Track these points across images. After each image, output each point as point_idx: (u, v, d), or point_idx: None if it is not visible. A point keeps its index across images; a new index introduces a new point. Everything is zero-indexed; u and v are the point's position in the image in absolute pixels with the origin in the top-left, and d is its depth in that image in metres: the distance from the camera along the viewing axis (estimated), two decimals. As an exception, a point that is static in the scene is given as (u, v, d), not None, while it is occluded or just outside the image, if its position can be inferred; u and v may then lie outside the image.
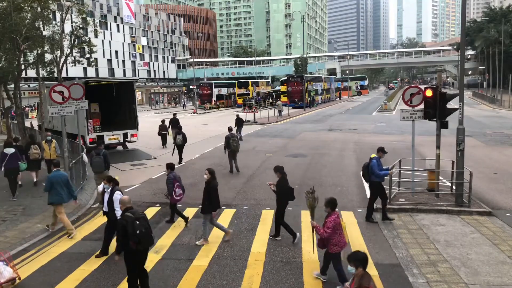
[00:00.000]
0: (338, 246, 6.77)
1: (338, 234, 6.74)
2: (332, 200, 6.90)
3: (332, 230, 6.67)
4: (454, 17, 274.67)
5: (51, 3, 24.24)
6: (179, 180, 10.23)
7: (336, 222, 6.72)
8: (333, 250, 6.79)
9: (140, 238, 6.29)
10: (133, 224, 6.33)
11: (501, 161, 17.50)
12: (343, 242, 6.82)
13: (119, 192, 8.28)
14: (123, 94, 21.13)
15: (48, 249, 8.89)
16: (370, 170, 10.07)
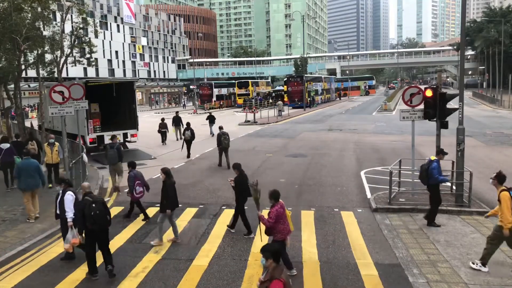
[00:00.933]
0: (282, 234, 7.24)
1: (281, 223, 7.21)
2: (275, 192, 7.40)
3: (275, 220, 7.15)
4: (454, 17, 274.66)
5: (51, 3, 24.22)
6: (141, 178, 10.53)
7: (279, 212, 7.18)
8: (278, 238, 7.24)
9: (95, 219, 7.26)
10: (90, 206, 7.29)
11: (501, 161, 17.50)
12: (287, 230, 7.31)
13: (70, 193, 8.09)
14: (123, 94, 21.13)
15: (48, 249, 8.89)
16: (429, 173, 9.62)
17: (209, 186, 13.97)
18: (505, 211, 7.18)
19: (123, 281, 7.38)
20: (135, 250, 8.75)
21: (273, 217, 7.15)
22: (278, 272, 4.52)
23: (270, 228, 7.28)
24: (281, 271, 4.56)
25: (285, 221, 7.28)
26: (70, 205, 7.92)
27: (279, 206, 7.27)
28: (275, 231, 7.24)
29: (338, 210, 11.15)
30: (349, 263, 7.97)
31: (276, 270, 4.57)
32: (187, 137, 19.13)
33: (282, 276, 4.48)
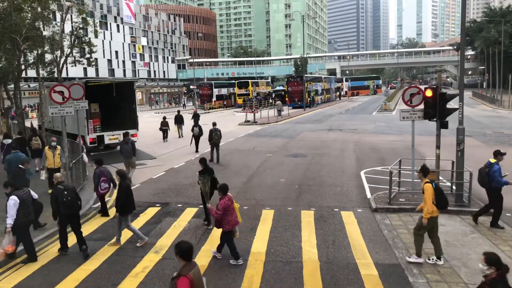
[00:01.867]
0: (229, 225, 7.85)
1: (229, 214, 7.83)
2: (223, 186, 8.01)
3: (223, 212, 7.78)
4: (454, 17, 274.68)
5: (51, 3, 24.25)
6: (107, 174, 10.83)
7: (226, 205, 7.79)
8: (226, 229, 7.89)
9: (68, 204, 8.28)
10: (62, 193, 8.30)
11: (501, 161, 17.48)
12: (234, 221, 7.91)
13: (14, 198, 7.94)
14: (123, 94, 21.14)
15: (48, 249, 8.89)
16: (491, 177, 9.36)
17: (209, 186, 13.96)
18: (427, 201, 7.60)
19: (123, 281, 7.38)
20: (135, 250, 8.75)
21: (221, 209, 7.74)
22: (186, 269, 4.54)
23: (219, 220, 7.86)
24: (189, 269, 4.57)
25: (232, 212, 7.87)
26: (11, 211, 7.84)
27: (227, 199, 7.86)
28: (224, 222, 7.84)
29: (338, 210, 11.16)
30: (349, 263, 7.97)
31: (185, 267, 4.60)
32: (196, 133, 20.31)
33: (191, 273, 4.49)
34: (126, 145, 14.90)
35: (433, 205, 7.62)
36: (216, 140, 17.98)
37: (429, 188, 7.65)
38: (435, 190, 7.71)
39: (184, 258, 4.65)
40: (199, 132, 20.33)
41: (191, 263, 4.68)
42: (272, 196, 12.59)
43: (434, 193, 7.66)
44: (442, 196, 7.77)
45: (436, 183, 7.87)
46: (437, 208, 7.71)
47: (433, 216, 7.70)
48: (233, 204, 7.95)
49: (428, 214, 7.61)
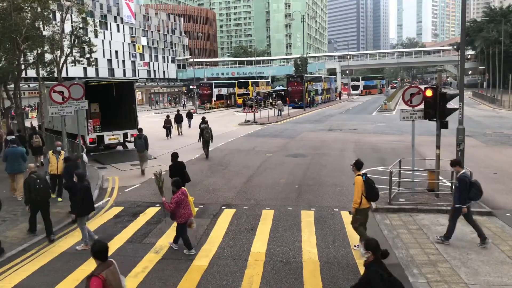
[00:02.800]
0: (183, 217, 8.28)
1: (182, 208, 8.23)
2: (176, 181, 8.52)
3: (176, 205, 8.18)
4: (454, 17, 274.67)
5: (51, 3, 24.25)
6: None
7: (179, 198, 8.20)
8: (179, 221, 8.33)
9: (39, 191, 9.19)
10: (34, 182, 9.24)
11: (501, 161, 17.50)
12: (188, 214, 8.34)
13: None
14: (123, 94, 21.13)
15: (48, 249, 8.89)
16: None
17: (209, 186, 13.97)
18: (355, 192, 8.28)
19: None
20: (135, 250, 8.75)
21: (174, 203, 8.18)
22: (99, 269, 4.55)
23: (172, 213, 8.30)
24: (103, 268, 4.57)
25: (185, 206, 8.29)
26: None
27: (180, 193, 8.30)
28: (177, 215, 8.27)
29: (338, 210, 11.15)
30: (349, 263, 7.97)
31: (99, 267, 4.61)
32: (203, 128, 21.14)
33: (103, 273, 4.49)
34: (139, 140, 16.06)
35: (362, 197, 8.19)
36: (206, 138, 19.03)
37: (359, 181, 8.27)
38: (366, 183, 8.25)
39: (98, 258, 4.70)
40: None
41: (106, 262, 4.70)
42: (272, 196, 12.59)
43: (364, 186, 8.20)
44: (372, 189, 8.25)
45: (367, 177, 8.39)
46: (367, 200, 8.29)
47: (364, 208, 8.27)
48: (187, 198, 8.37)
49: (356, 204, 8.22)
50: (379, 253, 4.91)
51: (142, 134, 16.36)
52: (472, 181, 8.59)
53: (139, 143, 16.05)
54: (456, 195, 8.71)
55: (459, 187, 8.58)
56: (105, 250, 4.75)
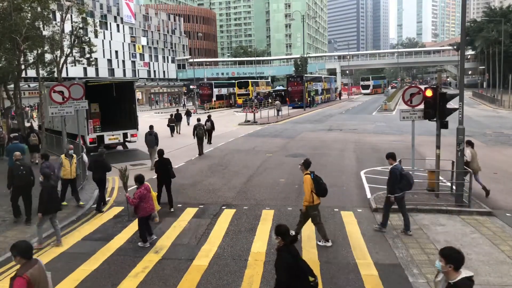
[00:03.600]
0: (144, 211, 8.84)
1: (145, 202, 8.78)
2: (139, 176, 9.05)
3: (138, 199, 8.71)
4: (454, 17, 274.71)
5: (51, 3, 24.24)
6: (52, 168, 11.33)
7: (142, 194, 8.73)
8: (141, 215, 8.88)
9: (21, 177, 10.15)
10: (18, 168, 10.24)
11: (501, 161, 17.50)
12: (150, 209, 8.89)
13: None
14: (123, 94, 21.15)
15: (48, 249, 8.89)
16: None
17: (209, 186, 13.97)
18: (305, 190, 8.59)
19: (123, 281, 7.38)
20: (135, 250, 8.75)
21: (137, 197, 8.68)
22: (23, 269, 4.51)
23: (136, 207, 8.84)
24: (27, 268, 4.52)
25: (148, 200, 8.84)
26: None
27: (143, 188, 8.81)
28: (139, 209, 8.81)
29: (338, 210, 11.15)
30: (349, 263, 7.97)
31: (23, 267, 4.56)
32: (207, 127, 22.84)
33: (28, 273, 4.44)
34: (150, 136, 17.18)
35: (313, 194, 8.54)
36: (200, 135, 20.02)
37: (308, 179, 8.55)
38: (314, 180, 8.57)
39: (23, 257, 4.64)
40: (211, 127, 23.36)
41: (31, 261, 4.65)
42: (272, 196, 12.59)
43: (313, 183, 8.52)
44: (320, 185, 8.63)
45: (315, 175, 8.70)
46: (317, 196, 8.62)
47: (316, 204, 8.66)
48: (150, 193, 8.94)
49: (306, 202, 8.58)
50: (288, 238, 5.12)
51: (153, 131, 17.47)
52: (403, 173, 9.28)
53: (150, 139, 17.09)
54: (388, 185, 9.44)
55: (390, 178, 9.35)
56: (29, 249, 4.69)
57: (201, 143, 20.06)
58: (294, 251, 5.10)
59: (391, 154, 9.71)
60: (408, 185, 9.28)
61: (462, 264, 4.08)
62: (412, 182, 9.31)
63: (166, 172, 11.32)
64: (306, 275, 5.02)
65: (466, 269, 4.23)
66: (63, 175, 11.74)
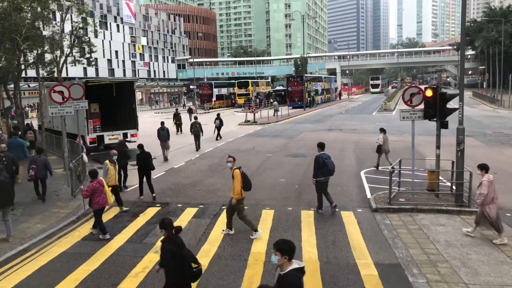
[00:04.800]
0: (98, 204, 9.30)
1: (97, 196, 9.25)
2: (92, 171, 9.60)
3: (91, 192, 9.24)
4: (454, 17, 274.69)
5: (51, 3, 24.22)
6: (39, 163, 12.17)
7: (95, 187, 9.25)
8: (94, 208, 9.36)
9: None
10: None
11: (501, 161, 17.50)
12: (102, 202, 9.36)
13: None
14: (123, 94, 21.13)
15: (48, 249, 8.89)
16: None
17: (209, 186, 13.97)
18: (235, 184, 9.05)
19: (123, 281, 7.38)
20: (135, 250, 8.75)
21: (89, 190, 9.25)
22: None
23: (90, 200, 9.41)
24: None
25: (100, 194, 9.30)
26: None
27: (96, 182, 9.32)
28: (93, 202, 9.30)
29: (338, 210, 11.15)
30: (349, 263, 7.97)
31: None
32: (217, 125, 25.07)
33: None
34: (162, 131, 19.00)
35: (241, 188, 9.04)
36: (196, 132, 21.47)
37: (238, 174, 9.06)
38: (242, 175, 9.08)
39: None
40: (220, 124, 25.18)
41: None
42: (272, 196, 12.59)
43: (241, 178, 9.02)
44: (247, 180, 9.19)
45: (242, 171, 9.20)
46: (244, 191, 9.18)
47: (242, 198, 9.20)
48: (103, 187, 9.42)
49: (237, 195, 9.05)
50: (172, 230, 5.60)
51: (164, 127, 19.28)
52: (326, 161, 10.66)
53: (162, 133, 18.96)
54: (313, 170, 10.87)
55: (315, 164, 10.83)
56: None
57: (197, 139, 21.54)
58: (178, 241, 5.61)
59: (320, 143, 11.08)
60: (329, 172, 10.73)
61: (294, 253, 4.30)
62: (332, 169, 10.75)
63: (147, 165, 12.42)
64: (189, 262, 5.56)
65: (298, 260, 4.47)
66: (108, 182, 11.03)
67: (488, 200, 8.64)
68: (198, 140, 21.61)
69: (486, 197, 8.63)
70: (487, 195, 8.62)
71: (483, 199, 8.67)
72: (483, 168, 9.07)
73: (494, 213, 8.66)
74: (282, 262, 4.24)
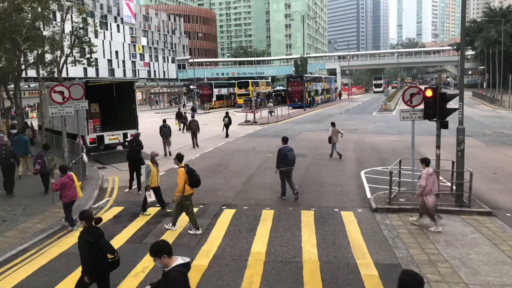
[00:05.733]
0: (67, 198, 9.88)
1: (67, 190, 9.82)
2: (62, 166, 10.23)
3: (60, 186, 9.80)
4: (454, 17, 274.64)
5: (51, 3, 24.23)
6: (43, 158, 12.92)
7: (64, 182, 9.77)
8: (64, 201, 9.94)
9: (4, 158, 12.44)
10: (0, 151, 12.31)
11: (501, 161, 17.50)
12: (71, 195, 9.93)
13: None
14: (123, 94, 21.11)
15: (48, 249, 8.89)
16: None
17: (209, 186, 13.96)
18: (178, 182, 9.35)
19: (123, 281, 7.38)
20: (135, 250, 8.75)
21: (58, 184, 9.80)
22: None
23: (60, 194, 9.92)
24: None
25: (70, 188, 9.86)
26: None
27: (66, 176, 9.85)
28: (62, 195, 9.87)
29: (338, 210, 11.15)
30: (349, 263, 7.97)
31: None
32: (226, 123, 26.56)
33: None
34: (165, 128, 20.25)
35: (185, 185, 9.36)
36: (194, 129, 22.65)
37: (181, 172, 9.38)
38: (188, 172, 9.42)
39: None
40: (229, 122, 26.65)
41: None
42: (272, 196, 12.59)
43: (186, 175, 9.37)
44: (193, 177, 9.48)
45: (189, 167, 9.53)
46: (190, 187, 9.48)
47: (188, 194, 9.48)
48: (73, 182, 9.96)
49: (178, 192, 9.36)
50: (92, 221, 5.85)
51: (166, 124, 20.62)
52: (288, 153, 11.88)
53: (164, 130, 20.17)
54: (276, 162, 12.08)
55: (277, 156, 12.03)
56: None
57: (194, 137, 22.71)
58: (96, 232, 5.87)
59: (284, 138, 12.49)
60: (290, 163, 11.90)
61: (170, 249, 4.41)
62: (292, 160, 11.94)
63: (137, 161, 13.40)
64: (105, 253, 5.84)
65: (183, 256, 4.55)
66: (151, 183, 10.83)
67: (426, 192, 9.36)
68: (195, 137, 22.72)
69: (425, 188, 9.32)
70: (426, 187, 9.33)
71: (422, 190, 9.39)
72: (423, 162, 9.84)
73: (431, 204, 9.39)
74: (165, 262, 4.38)
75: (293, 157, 12.05)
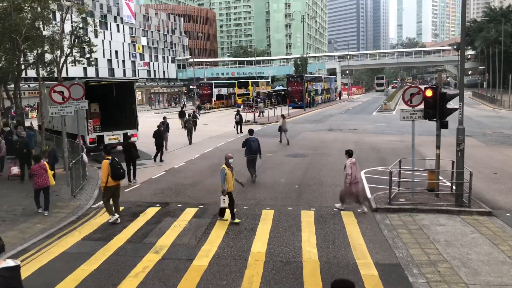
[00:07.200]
0: (37, 185, 10.89)
1: (38, 177, 10.80)
2: (36, 156, 11.31)
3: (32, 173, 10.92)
4: (454, 17, 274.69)
5: (51, 3, 24.20)
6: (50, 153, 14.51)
7: (35, 170, 10.81)
8: (35, 187, 10.97)
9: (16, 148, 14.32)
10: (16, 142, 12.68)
11: (501, 161, 17.51)
12: (42, 183, 10.86)
13: None
14: (123, 94, 21.10)
15: (48, 249, 8.89)
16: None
17: (209, 186, 13.96)
18: (102, 174, 10.28)
19: (123, 281, 7.37)
20: (135, 250, 8.75)
21: (30, 172, 10.90)
22: None
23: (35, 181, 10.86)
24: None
25: (40, 176, 10.77)
26: None
27: (38, 165, 10.81)
28: (34, 182, 10.91)
29: (338, 210, 11.15)
30: (349, 263, 7.97)
31: None
32: (237, 120, 27.98)
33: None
34: (163, 125, 21.02)
35: (108, 177, 10.08)
36: (189, 127, 24.05)
37: (105, 164, 10.14)
38: (111, 165, 10.10)
39: None
40: (240, 120, 28.12)
41: None
42: (272, 196, 12.59)
43: (109, 168, 10.05)
44: (116, 170, 10.17)
45: (113, 160, 10.25)
46: (113, 180, 10.18)
47: (111, 185, 10.20)
48: (45, 171, 10.87)
49: (103, 184, 10.17)
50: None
51: (165, 121, 21.89)
52: (251, 143, 14.20)
53: (163, 127, 20.81)
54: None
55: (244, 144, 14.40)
56: None
57: (190, 134, 23.97)
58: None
59: (250, 130, 15.25)
60: (253, 151, 14.13)
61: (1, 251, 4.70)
62: (254, 149, 14.15)
63: (131, 154, 14.58)
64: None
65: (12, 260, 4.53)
66: (227, 188, 10.08)
67: (352, 179, 10.66)
68: (190, 135, 24.00)
69: (352, 176, 10.65)
70: (352, 174, 10.67)
71: (350, 178, 10.69)
72: (346, 153, 11.51)
73: (356, 190, 10.86)
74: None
75: (256, 147, 14.23)
